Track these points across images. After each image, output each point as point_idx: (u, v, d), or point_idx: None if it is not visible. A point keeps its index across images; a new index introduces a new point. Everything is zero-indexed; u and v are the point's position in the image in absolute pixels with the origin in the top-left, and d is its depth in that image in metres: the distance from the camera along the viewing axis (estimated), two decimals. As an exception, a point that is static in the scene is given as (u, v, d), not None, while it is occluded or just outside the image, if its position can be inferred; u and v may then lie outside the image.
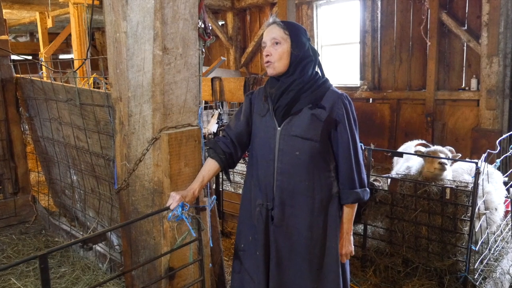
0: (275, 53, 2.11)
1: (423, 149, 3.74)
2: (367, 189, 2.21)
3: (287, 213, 2.17)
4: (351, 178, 2.15)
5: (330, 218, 2.19)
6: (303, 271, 2.20)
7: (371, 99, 8.13)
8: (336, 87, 2.23)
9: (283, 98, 2.12)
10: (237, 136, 2.28)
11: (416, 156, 3.87)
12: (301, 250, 2.19)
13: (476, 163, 3.25)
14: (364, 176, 2.21)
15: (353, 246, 2.28)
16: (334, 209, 2.20)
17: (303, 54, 2.12)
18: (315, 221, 2.17)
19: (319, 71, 2.23)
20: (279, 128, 2.14)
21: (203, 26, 2.33)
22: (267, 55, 2.13)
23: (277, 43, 2.11)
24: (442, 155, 3.58)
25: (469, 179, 3.65)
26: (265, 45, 2.16)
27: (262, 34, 2.65)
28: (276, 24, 2.14)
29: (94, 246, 3.20)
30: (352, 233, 2.28)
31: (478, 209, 3.44)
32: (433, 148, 3.69)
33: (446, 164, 3.51)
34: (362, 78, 8.19)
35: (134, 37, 2.16)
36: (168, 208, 2.10)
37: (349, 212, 2.23)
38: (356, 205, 2.25)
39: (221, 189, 4.59)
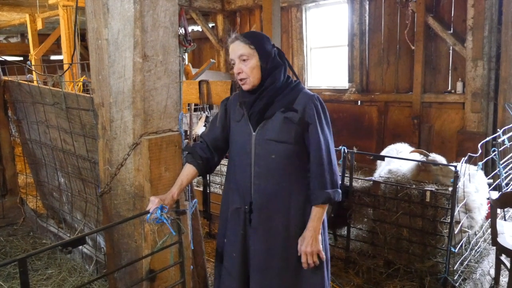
0: (246, 69, 2.14)
1: (421, 156, 3.81)
2: (339, 190, 2.19)
3: (264, 216, 2.21)
4: (323, 178, 2.15)
5: (308, 217, 2.20)
6: (282, 272, 2.23)
7: (359, 102, 8.19)
8: (324, 89, 2.29)
9: (256, 104, 2.17)
10: (213, 142, 2.34)
11: (397, 160, 3.95)
12: (278, 251, 2.22)
13: (455, 167, 3.32)
14: (337, 177, 2.20)
15: (321, 246, 2.20)
16: (310, 208, 2.21)
17: (271, 65, 2.17)
18: (292, 221, 2.21)
19: (291, 74, 2.28)
20: (254, 133, 2.20)
21: (183, 33, 2.39)
22: (239, 73, 2.17)
23: (245, 60, 2.15)
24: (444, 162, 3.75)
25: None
26: (233, 62, 2.20)
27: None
28: (239, 40, 2.17)
29: (74, 249, 3.22)
30: (321, 232, 2.22)
31: (458, 212, 3.51)
32: (438, 157, 3.80)
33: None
34: (350, 80, 8.25)
35: (115, 44, 2.21)
36: (148, 212, 2.15)
37: (318, 211, 2.18)
38: (326, 205, 2.22)
39: (208, 191, 4.64)
